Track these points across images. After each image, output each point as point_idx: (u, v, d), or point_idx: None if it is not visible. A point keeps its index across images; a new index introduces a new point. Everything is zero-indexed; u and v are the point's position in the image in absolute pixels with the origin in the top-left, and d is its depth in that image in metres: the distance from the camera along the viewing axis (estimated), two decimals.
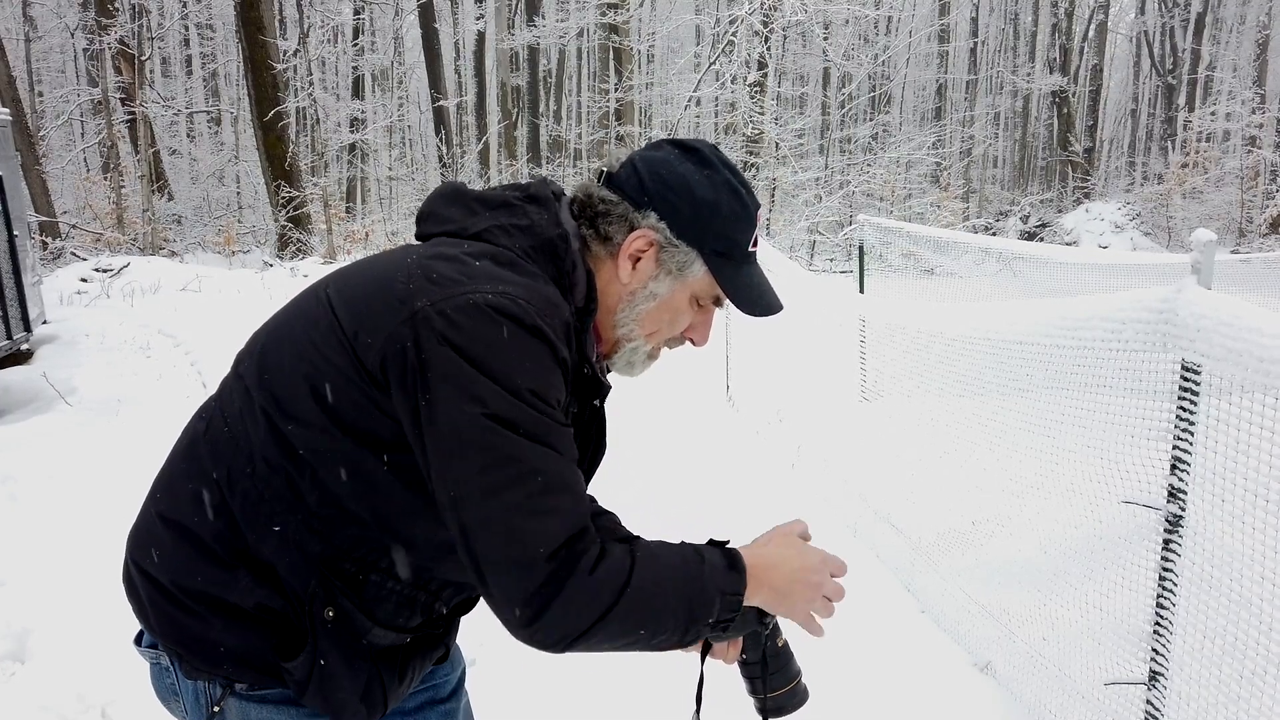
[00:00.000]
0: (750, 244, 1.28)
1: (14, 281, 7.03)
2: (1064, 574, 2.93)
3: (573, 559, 1.08)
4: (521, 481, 1.07)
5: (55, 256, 14.67)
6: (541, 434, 1.09)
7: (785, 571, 1.23)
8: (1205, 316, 1.96)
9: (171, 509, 1.25)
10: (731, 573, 1.17)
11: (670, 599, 1.12)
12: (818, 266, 19.55)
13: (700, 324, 1.34)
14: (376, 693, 1.24)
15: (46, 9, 24.12)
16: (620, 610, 1.09)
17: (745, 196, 1.27)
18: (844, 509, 4.62)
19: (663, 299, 1.28)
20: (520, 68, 27.94)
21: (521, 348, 1.09)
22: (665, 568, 1.13)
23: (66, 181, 21.88)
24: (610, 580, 1.09)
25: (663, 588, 1.12)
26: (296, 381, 1.16)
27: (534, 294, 1.13)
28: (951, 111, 30.31)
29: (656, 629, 1.12)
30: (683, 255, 1.25)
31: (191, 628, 1.22)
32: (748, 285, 1.28)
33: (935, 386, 4.21)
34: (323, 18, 22.09)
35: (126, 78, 18.20)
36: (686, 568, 1.14)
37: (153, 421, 5.75)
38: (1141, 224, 21.94)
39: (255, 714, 1.24)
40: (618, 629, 1.10)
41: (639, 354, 1.33)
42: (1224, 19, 30.41)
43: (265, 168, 16.92)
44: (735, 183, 1.26)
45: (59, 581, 3.57)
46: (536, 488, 1.08)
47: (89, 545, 3.91)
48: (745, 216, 1.27)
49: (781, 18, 17.86)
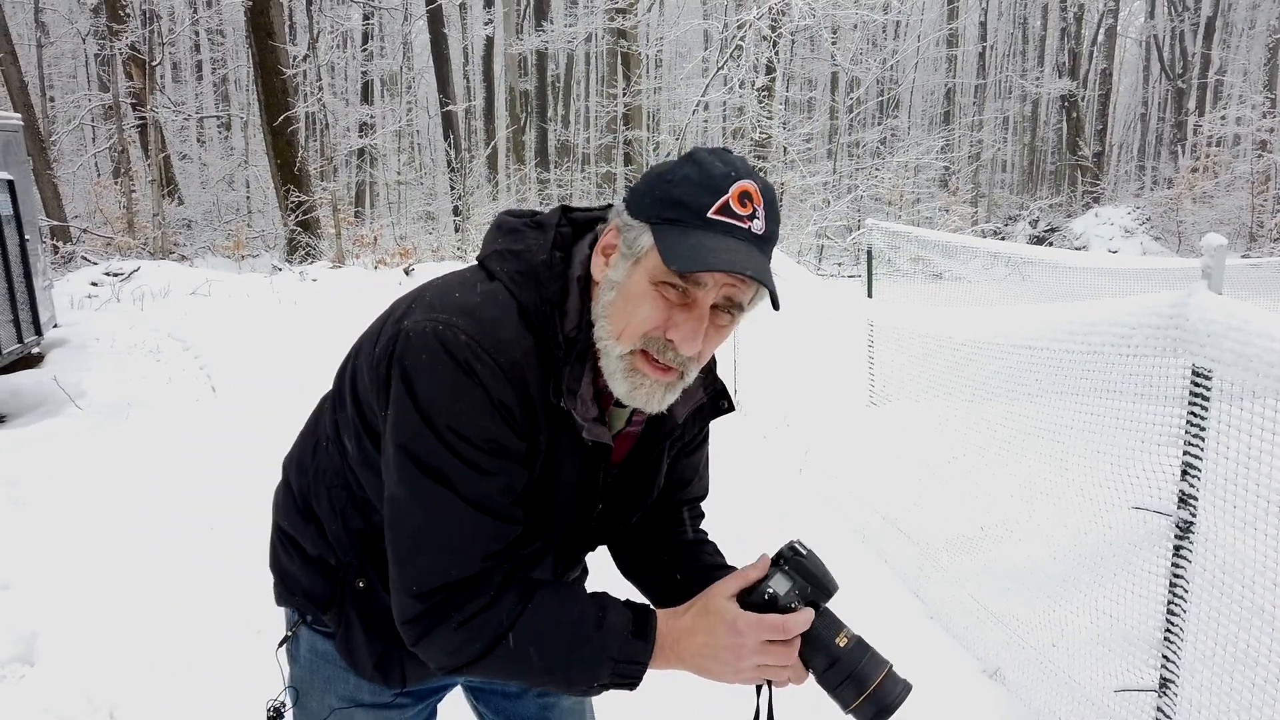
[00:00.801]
0: (710, 209, 1.08)
1: (25, 285, 7.07)
2: (1074, 580, 2.92)
3: (444, 608, 1.12)
4: (412, 516, 1.13)
5: (66, 260, 14.75)
6: (444, 473, 1.11)
7: (693, 645, 1.15)
8: (1216, 321, 1.95)
9: (286, 463, 1.45)
10: (635, 641, 1.14)
11: (544, 662, 1.13)
12: (826, 271, 19.54)
13: (683, 322, 1.10)
14: (393, 667, 1.32)
15: (58, 15, 24.27)
16: (486, 664, 1.14)
17: (710, 165, 1.11)
18: (852, 514, 4.61)
19: (621, 286, 1.13)
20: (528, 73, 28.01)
21: (452, 383, 1.10)
22: (550, 630, 1.13)
23: (78, 186, 22.01)
24: (478, 636, 1.12)
25: (539, 650, 1.13)
26: (345, 374, 1.30)
27: (482, 330, 1.11)
28: (960, 116, 30.27)
29: (537, 682, 1.17)
30: (635, 232, 1.12)
31: (281, 561, 1.42)
32: (688, 243, 1.07)
33: (944, 391, 4.20)
34: (332, 23, 22.18)
35: (137, 83, 18.30)
36: (575, 632, 1.13)
37: (162, 425, 5.77)
38: (1151, 228, 21.86)
39: (319, 645, 1.39)
40: (493, 674, 1.17)
41: (614, 361, 1.14)
42: (1234, 23, 30.29)
43: (274, 172, 16.98)
44: (707, 157, 1.12)
45: (67, 584, 3.58)
46: (422, 526, 1.12)
47: (97, 548, 3.92)
48: (702, 181, 1.09)
49: (790, 22, 17.87)
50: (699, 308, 1.11)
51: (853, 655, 1.15)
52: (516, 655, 1.13)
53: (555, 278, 1.18)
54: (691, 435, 1.40)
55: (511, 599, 1.14)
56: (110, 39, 17.70)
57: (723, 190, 1.08)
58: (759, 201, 1.10)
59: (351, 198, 24.71)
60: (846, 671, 1.14)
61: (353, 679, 1.37)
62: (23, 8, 23.23)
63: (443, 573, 1.12)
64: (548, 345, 1.16)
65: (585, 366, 1.17)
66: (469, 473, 1.11)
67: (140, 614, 3.43)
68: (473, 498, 1.11)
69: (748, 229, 1.09)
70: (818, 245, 20.60)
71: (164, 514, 4.34)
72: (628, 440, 1.31)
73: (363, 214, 24.65)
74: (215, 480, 4.81)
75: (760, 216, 1.10)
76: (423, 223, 24.56)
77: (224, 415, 6.14)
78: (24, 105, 16.54)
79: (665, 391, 1.15)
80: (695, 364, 1.16)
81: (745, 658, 1.12)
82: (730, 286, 1.10)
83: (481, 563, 1.13)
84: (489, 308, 1.14)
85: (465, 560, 1.12)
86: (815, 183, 20.25)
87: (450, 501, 1.11)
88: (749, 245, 1.08)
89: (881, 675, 1.15)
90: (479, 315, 1.13)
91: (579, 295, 1.19)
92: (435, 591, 1.12)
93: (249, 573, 3.82)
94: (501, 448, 1.12)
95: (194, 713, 2.90)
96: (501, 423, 1.12)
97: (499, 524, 1.14)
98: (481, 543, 1.13)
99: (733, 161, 1.12)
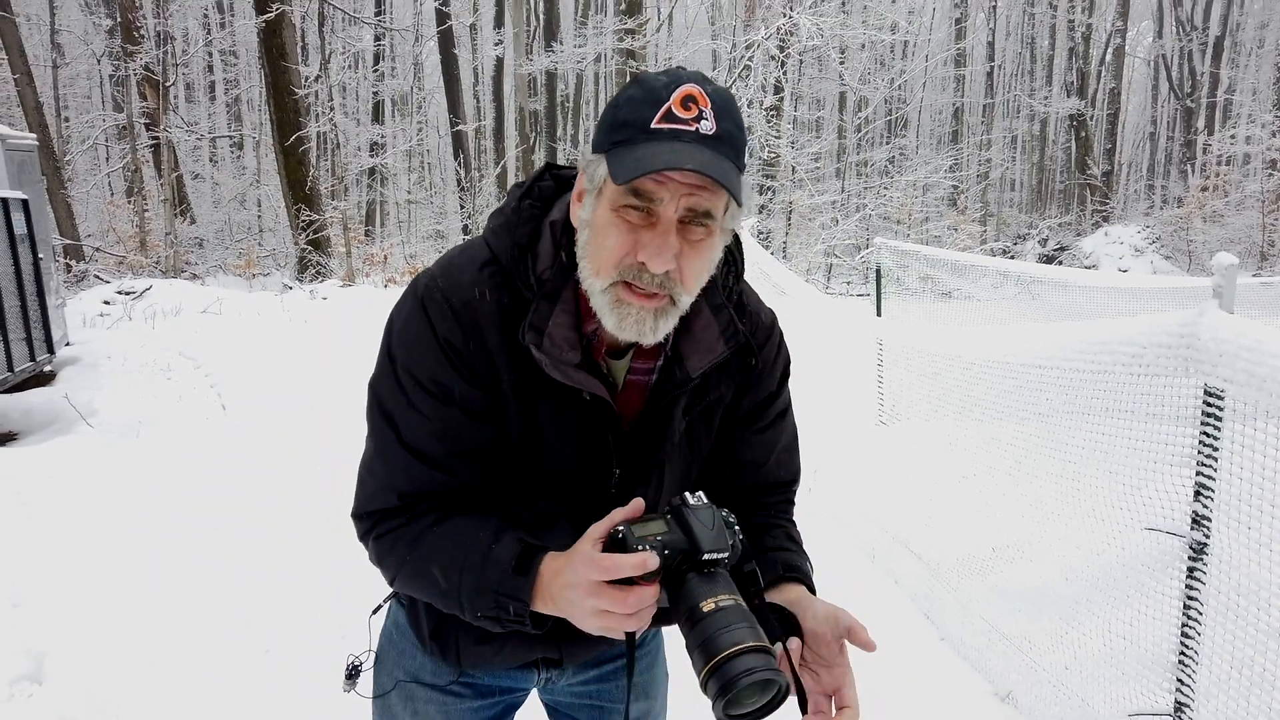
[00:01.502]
0: (653, 120, 1.05)
1: (38, 304, 7.12)
2: (1087, 601, 2.90)
3: (368, 530, 1.24)
4: (366, 450, 1.25)
5: (79, 279, 14.86)
6: (391, 408, 1.20)
7: (557, 584, 1.08)
8: (1228, 341, 1.94)
9: None
10: (515, 577, 1.11)
11: (445, 583, 1.17)
12: (835, 289, 19.54)
13: (649, 241, 1.07)
14: (449, 639, 1.35)
15: (74, 36, 24.58)
16: (405, 579, 1.23)
17: (653, 80, 1.09)
18: (861, 534, 4.59)
19: (589, 222, 1.13)
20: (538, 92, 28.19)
21: (407, 322, 1.19)
22: (448, 552, 1.17)
23: (91, 205, 22.21)
24: (392, 550, 1.22)
25: (439, 570, 1.17)
26: None
27: (446, 271, 1.20)
28: (968, 135, 30.32)
29: (442, 605, 1.21)
30: (594, 166, 1.11)
31: None
32: (632, 155, 1.05)
33: (954, 410, 4.18)
34: (344, 44, 22.42)
35: (151, 103, 18.50)
36: (466, 558, 1.15)
37: (172, 443, 5.80)
38: (1161, 247, 21.80)
39: (400, 619, 1.44)
40: (416, 591, 1.24)
41: (599, 298, 1.12)
42: (1242, 42, 30.32)
43: (286, 191, 17.10)
44: (650, 75, 1.10)
45: (77, 603, 3.59)
46: (368, 455, 1.25)
47: (107, 567, 3.92)
48: (644, 96, 1.07)
49: (797, 43, 17.97)
50: (662, 223, 1.07)
51: (711, 621, 0.99)
52: (422, 571, 1.19)
53: (524, 222, 1.22)
54: (719, 395, 1.30)
55: (426, 521, 1.20)
56: (125, 60, 17.92)
57: (664, 99, 1.06)
58: (704, 103, 1.06)
59: (362, 216, 24.85)
60: (699, 638, 0.99)
61: (419, 656, 1.41)
62: (39, 29, 23.53)
63: (370, 500, 1.23)
64: (518, 289, 1.18)
65: (555, 306, 1.16)
66: (413, 416, 1.18)
67: (149, 634, 3.43)
68: (411, 441, 1.19)
69: (695, 130, 1.05)
70: (826, 264, 20.61)
71: (174, 532, 4.35)
72: (637, 395, 1.26)
73: (373, 232, 24.78)
74: (225, 498, 4.82)
75: (709, 117, 1.06)
76: (433, 241, 24.69)
77: (234, 433, 6.16)
78: (39, 125, 16.72)
79: (656, 319, 1.12)
80: (682, 287, 1.11)
81: (584, 598, 1.04)
82: (689, 195, 1.06)
83: (399, 499, 1.21)
84: (461, 257, 1.23)
85: (386, 491, 1.22)
86: (823, 201, 20.28)
87: (390, 442, 1.20)
88: (695, 145, 1.04)
89: (733, 648, 0.96)
90: (449, 263, 1.22)
91: (552, 238, 1.20)
92: (365, 515, 1.24)
93: (258, 591, 3.82)
94: (447, 390, 1.17)
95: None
96: (445, 362, 1.16)
97: (430, 470, 1.20)
98: (410, 484, 1.20)
99: (676, 73, 1.09)
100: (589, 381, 1.17)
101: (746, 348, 1.28)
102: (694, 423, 1.30)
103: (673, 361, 1.24)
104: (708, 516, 1.07)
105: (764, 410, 1.36)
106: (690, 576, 1.04)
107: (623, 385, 1.25)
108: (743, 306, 1.31)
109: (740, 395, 1.33)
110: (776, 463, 1.39)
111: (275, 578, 3.95)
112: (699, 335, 1.24)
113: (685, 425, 1.28)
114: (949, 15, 31.56)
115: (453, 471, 1.20)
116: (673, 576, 1.05)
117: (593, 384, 1.17)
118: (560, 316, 1.16)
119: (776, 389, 1.37)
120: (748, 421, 1.35)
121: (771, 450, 1.38)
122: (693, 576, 1.04)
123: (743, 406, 1.34)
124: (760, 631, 1.00)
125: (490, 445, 1.21)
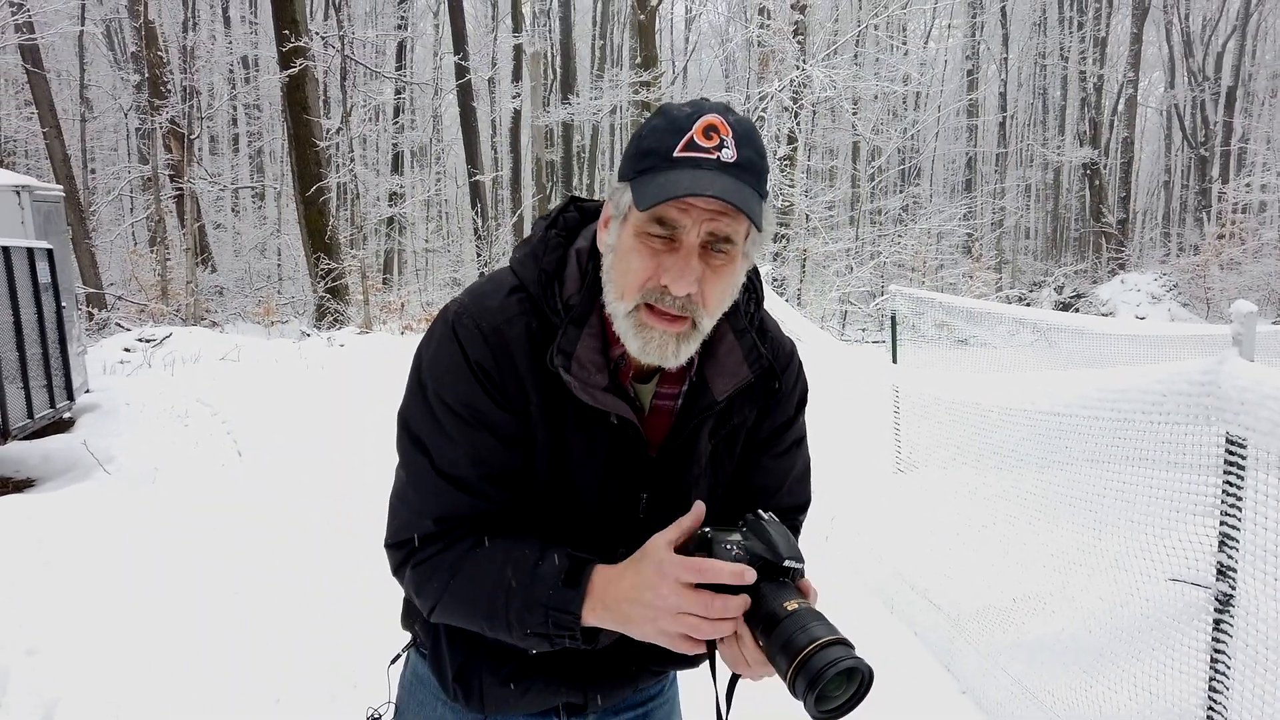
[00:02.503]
0: (676, 149, 1.08)
1: (60, 351, 7.21)
2: (1111, 654, 2.83)
3: (405, 560, 1.22)
4: (398, 479, 1.25)
5: (100, 327, 15.06)
6: (423, 435, 1.20)
7: (619, 589, 1.09)
8: (1249, 389, 1.92)
9: None
10: (564, 590, 1.12)
11: (489, 604, 1.15)
12: (850, 336, 19.52)
13: (671, 265, 1.10)
14: (473, 681, 1.31)
15: (102, 90, 25.19)
16: (446, 605, 1.20)
17: (676, 110, 1.12)
18: (880, 583, 4.52)
19: (615, 248, 1.16)
20: (555, 143, 28.61)
21: (439, 349, 1.20)
22: (492, 573, 1.16)
23: (114, 254, 22.56)
24: (434, 575, 1.19)
25: (482, 592, 1.16)
26: None
27: (475, 299, 1.22)
28: (982, 184, 30.47)
29: (488, 628, 1.18)
30: (619, 193, 1.15)
31: None
32: (655, 183, 1.08)
33: (972, 458, 4.14)
34: (365, 98, 22.87)
35: (176, 155, 18.89)
36: (513, 576, 1.14)
37: (188, 490, 5.81)
38: (1179, 295, 21.71)
39: (420, 669, 1.41)
40: (457, 620, 1.21)
41: (623, 321, 1.14)
42: (1255, 92, 30.48)
43: (305, 240, 17.34)
44: (674, 106, 1.13)
45: (91, 650, 3.57)
46: (399, 485, 1.24)
47: (122, 614, 3.91)
48: (667, 126, 1.10)
49: (811, 94, 18.20)
50: (684, 247, 1.10)
51: (792, 620, 1.01)
52: (465, 595, 1.17)
53: (550, 250, 1.23)
54: (742, 419, 1.31)
55: (467, 544, 1.19)
56: (151, 114, 18.34)
57: (686, 129, 1.09)
58: (725, 132, 1.09)
59: (380, 265, 25.13)
60: (782, 638, 0.99)
61: (439, 708, 1.39)
62: (69, 84, 24.15)
63: (403, 529, 1.22)
64: (545, 315, 1.20)
65: (582, 330, 1.18)
66: (445, 442, 1.18)
67: (162, 683, 3.41)
68: (444, 467, 1.19)
69: (715, 158, 1.08)
70: (841, 311, 20.62)
71: (188, 581, 4.34)
72: (664, 419, 1.27)
73: (391, 280, 25.04)
74: (239, 546, 4.81)
75: (730, 145, 1.09)
76: (449, 289, 24.88)
77: (249, 480, 6.17)
78: (66, 177, 17.09)
79: (678, 343, 1.14)
80: (704, 310, 1.13)
81: (665, 599, 1.04)
82: (710, 221, 1.09)
83: (435, 524, 1.20)
84: (488, 285, 1.25)
85: (421, 519, 1.21)
86: (838, 249, 20.37)
87: (424, 469, 1.20)
88: (716, 172, 1.07)
89: (818, 642, 0.97)
90: (477, 292, 1.24)
91: (578, 265, 1.23)
92: (405, 543, 1.22)
93: (270, 639, 3.80)
94: (478, 414, 1.17)
95: None
96: (477, 386, 1.17)
97: (464, 496, 1.19)
98: (444, 509, 1.20)
99: (699, 103, 1.12)
100: (616, 404, 1.18)
101: (770, 372, 1.30)
102: (718, 447, 1.31)
103: (698, 386, 1.25)
104: (781, 530, 1.11)
105: (781, 435, 1.37)
106: (765, 585, 1.06)
107: (649, 410, 1.26)
108: (764, 332, 1.33)
109: (760, 419, 1.34)
110: (788, 491, 1.40)
111: (285, 622, 3.93)
112: (723, 359, 1.26)
113: (710, 449, 1.29)
114: (961, 67, 31.92)
115: (486, 496, 1.20)
116: (750, 588, 1.06)
117: (620, 406, 1.19)
118: (588, 340, 1.18)
119: (794, 414, 1.38)
120: (765, 446, 1.36)
121: (785, 478, 1.39)
122: (767, 585, 1.06)
123: (762, 430, 1.35)
124: (836, 627, 1.01)
125: (521, 471, 1.22)
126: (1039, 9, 31.80)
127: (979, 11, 29.81)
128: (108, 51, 26.15)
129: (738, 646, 1.07)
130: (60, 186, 9.35)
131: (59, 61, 24.36)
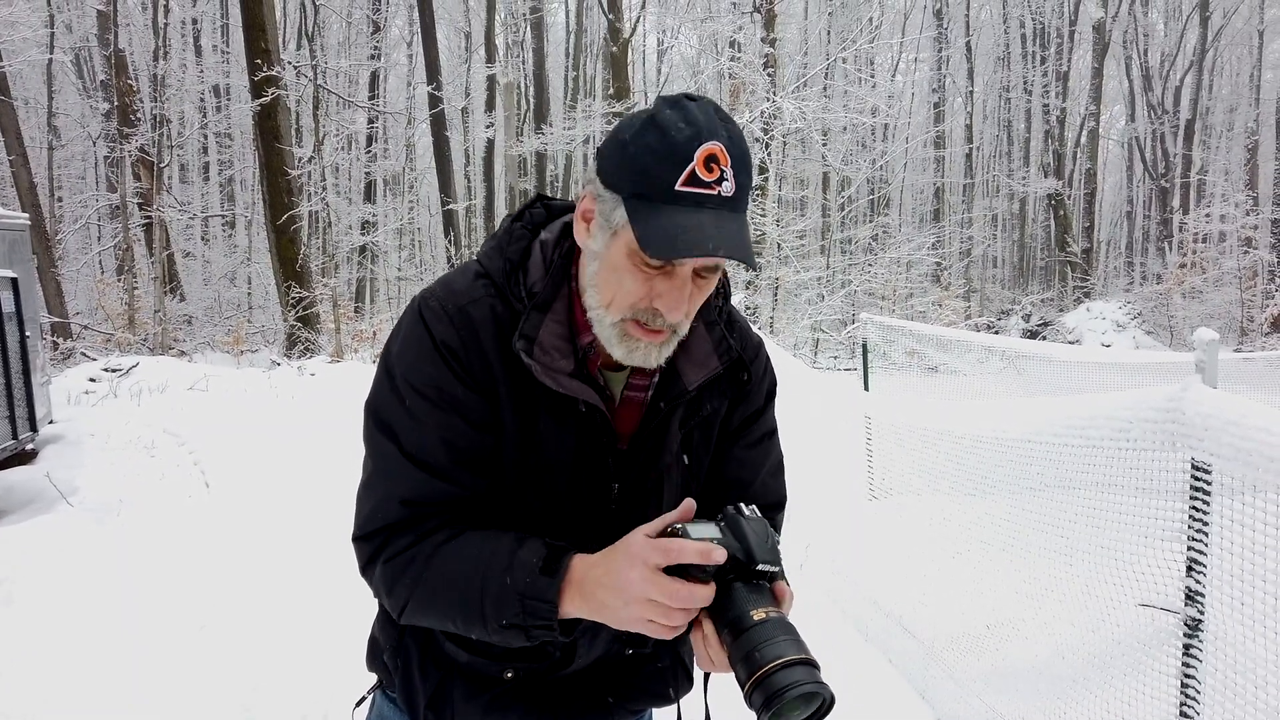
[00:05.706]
0: (678, 182, 1.06)
1: (23, 381, 7.08)
2: (1083, 680, 2.85)
3: (382, 549, 1.18)
4: (364, 469, 1.23)
5: (65, 357, 14.81)
6: (391, 420, 1.19)
7: (594, 576, 1.08)
8: (1212, 415, 1.96)
9: None
10: (541, 578, 1.10)
11: (463, 597, 1.13)
12: (822, 364, 19.64)
13: (666, 292, 1.11)
14: (445, 710, 1.28)
15: (70, 119, 24.97)
16: (418, 602, 1.16)
17: (673, 128, 1.07)
18: (854, 611, 4.52)
19: (603, 258, 1.14)
20: (528, 173, 28.71)
21: (406, 335, 1.21)
22: (468, 564, 1.14)
23: (81, 283, 22.26)
24: (405, 570, 1.16)
25: (457, 585, 1.13)
26: None
27: (441, 284, 1.24)
28: (949, 214, 30.91)
29: (462, 622, 1.15)
30: (609, 204, 1.11)
31: (374, 625, 1.40)
32: (660, 225, 1.05)
33: (945, 485, 4.17)
34: (338, 127, 22.84)
35: (145, 184, 18.72)
36: (488, 567, 1.12)
37: (153, 522, 5.70)
38: (1143, 323, 22.09)
39: (386, 710, 1.39)
40: (430, 617, 1.18)
41: (607, 328, 1.15)
42: (1213, 125, 31.24)
43: (277, 269, 17.20)
44: (669, 118, 1.08)
45: (55, 686, 3.49)
46: (367, 474, 1.22)
47: (86, 649, 3.82)
48: (664, 151, 1.06)
49: (781, 125, 18.41)
50: (679, 278, 1.12)
51: (759, 630, 0.98)
52: (438, 587, 1.15)
53: (515, 240, 1.25)
54: (712, 409, 1.31)
55: (440, 536, 1.17)
56: (120, 142, 18.18)
57: (687, 158, 1.06)
58: (725, 161, 1.07)
59: (352, 293, 24.99)
60: (745, 648, 0.97)
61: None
62: (37, 111, 23.93)
63: (373, 519, 1.19)
64: (510, 301, 1.21)
65: (545, 316, 1.19)
66: (413, 425, 1.17)
67: (127, 717, 3.33)
68: (412, 451, 1.17)
69: (717, 194, 1.07)
70: (813, 339, 20.75)
71: (153, 612, 4.25)
72: (634, 411, 1.27)
73: (363, 309, 24.88)
74: (205, 579, 4.73)
75: (729, 177, 1.08)
76: None
77: (216, 512, 6.07)
78: (32, 205, 16.88)
79: (660, 349, 1.17)
80: (685, 321, 1.17)
81: (634, 584, 1.02)
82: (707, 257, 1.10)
83: (403, 507, 1.17)
84: (454, 273, 1.26)
85: (388, 508, 1.18)
86: (809, 278, 20.52)
87: (391, 455, 1.18)
88: (719, 214, 1.07)
89: (781, 660, 0.95)
90: (444, 279, 1.26)
91: (542, 255, 1.24)
92: (375, 534, 1.19)
93: (239, 672, 3.72)
94: (446, 395, 1.17)
95: None
96: (444, 366, 1.17)
97: (434, 480, 1.17)
98: (413, 492, 1.17)
99: (695, 118, 1.08)
100: (583, 390, 1.19)
101: (739, 363, 1.32)
102: (691, 438, 1.31)
103: (669, 375, 1.27)
104: (760, 528, 1.08)
105: (751, 425, 1.38)
106: (738, 586, 1.04)
107: (621, 400, 1.27)
108: (733, 324, 1.35)
109: (731, 410, 1.36)
110: (762, 485, 1.40)
111: (255, 656, 3.86)
112: (693, 350, 1.28)
113: (682, 439, 1.30)
114: (927, 100, 32.51)
115: (456, 481, 1.18)
116: (720, 584, 1.04)
117: (586, 392, 1.19)
118: (551, 326, 1.19)
119: (764, 405, 1.39)
120: (735, 437, 1.37)
121: (758, 470, 1.39)
122: (740, 586, 1.03)
123: (733, 421, 1.36)
124: (805, 645, 0.98)
125: (490, 455, 1.21)
126: (1003, 44, 32.53)
127: (945, 46, 30.42)
128: (76, 80, 25.96)
129: (703, 644, 1.06)
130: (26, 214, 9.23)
131: (26, 89, 24.14)
